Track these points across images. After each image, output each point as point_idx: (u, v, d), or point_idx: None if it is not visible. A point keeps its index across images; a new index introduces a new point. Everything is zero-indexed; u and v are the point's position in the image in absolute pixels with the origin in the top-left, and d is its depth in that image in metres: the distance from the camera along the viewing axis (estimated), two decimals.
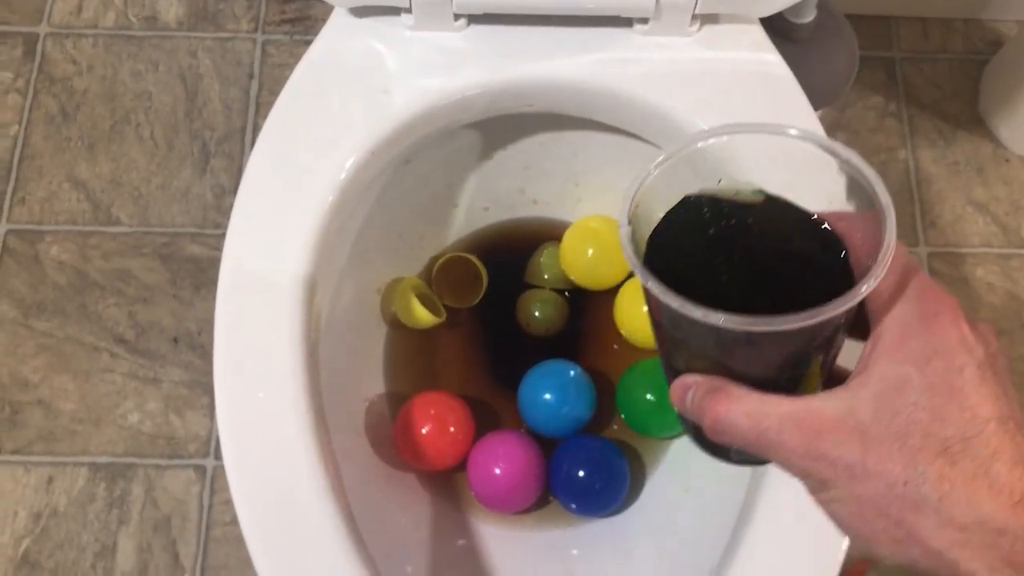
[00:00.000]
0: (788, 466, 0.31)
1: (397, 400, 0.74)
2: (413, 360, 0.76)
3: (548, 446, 0.72)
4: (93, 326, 0.99)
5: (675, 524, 0.67)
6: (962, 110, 1.11)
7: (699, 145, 0.34)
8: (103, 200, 1.03)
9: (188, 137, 1.06)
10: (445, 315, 0.75)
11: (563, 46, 0.64)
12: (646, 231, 0.34)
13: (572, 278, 0.77)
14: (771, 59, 0.64)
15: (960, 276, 1.03)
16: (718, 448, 0.35)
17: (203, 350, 0.98)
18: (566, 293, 0.78)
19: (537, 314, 0.76)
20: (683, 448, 0.72)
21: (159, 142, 1.06)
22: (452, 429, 0.69)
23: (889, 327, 0.30)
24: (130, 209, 1.03)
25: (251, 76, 1.09)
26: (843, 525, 0.30)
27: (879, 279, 0.28)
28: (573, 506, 0.70)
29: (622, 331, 0.76)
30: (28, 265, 1.00)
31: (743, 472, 0.60)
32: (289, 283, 0.57)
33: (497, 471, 0.68)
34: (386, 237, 0.75)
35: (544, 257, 0.78)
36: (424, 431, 0.69)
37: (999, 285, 1.03)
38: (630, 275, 0.76)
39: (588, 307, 0.79)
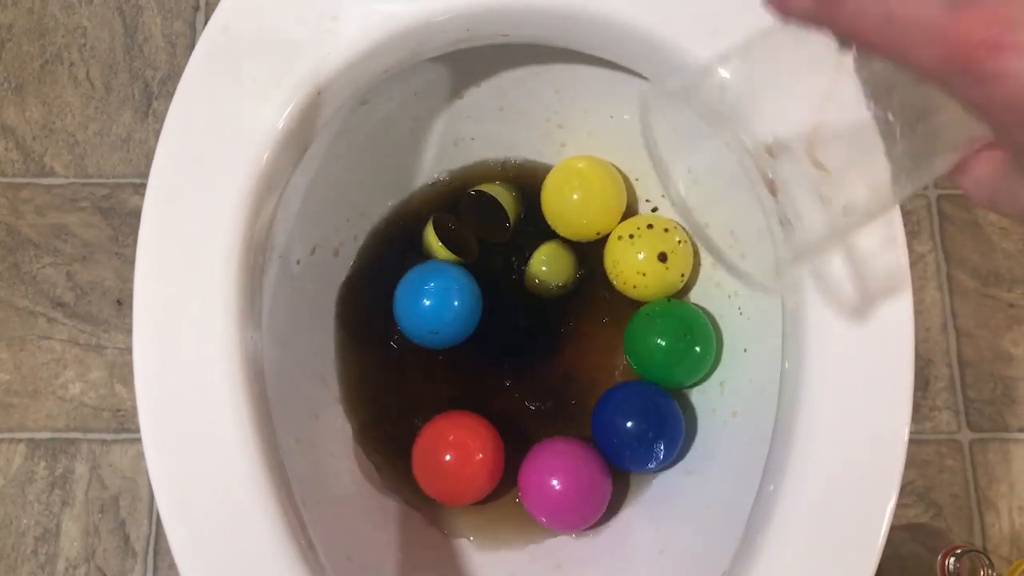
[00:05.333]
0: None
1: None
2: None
3: (590, 397, 0.66)
4: (28, 288, 0.89)
5: (674, 514, 0.60)
6: None
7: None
8: (35, 148, 0.93)
9: (128, 77, 0.96)
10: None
11: None
12: None
13: (555, 228, 0.69)
14: None
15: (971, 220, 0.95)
16: None
17: None
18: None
19: (545, 269, 0.69)
20: None
21: (96, 83, 0.95)
22: (480, 456, 0.62)
23: None
24: (65, 158, 0.93)
25: (196, 8, 0.98)
26: None
27: None
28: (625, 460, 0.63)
29: (615, 282, 0.68)
30: None
31: (752, 457, 0.53)
32: (219, 255, 0.48)
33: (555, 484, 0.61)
34: (341, 191, 0.65)
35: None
36: (447, 458, 0.62)
37: (1014, 230, 0.95)
38: (622, 220, 0.68)
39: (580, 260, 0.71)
